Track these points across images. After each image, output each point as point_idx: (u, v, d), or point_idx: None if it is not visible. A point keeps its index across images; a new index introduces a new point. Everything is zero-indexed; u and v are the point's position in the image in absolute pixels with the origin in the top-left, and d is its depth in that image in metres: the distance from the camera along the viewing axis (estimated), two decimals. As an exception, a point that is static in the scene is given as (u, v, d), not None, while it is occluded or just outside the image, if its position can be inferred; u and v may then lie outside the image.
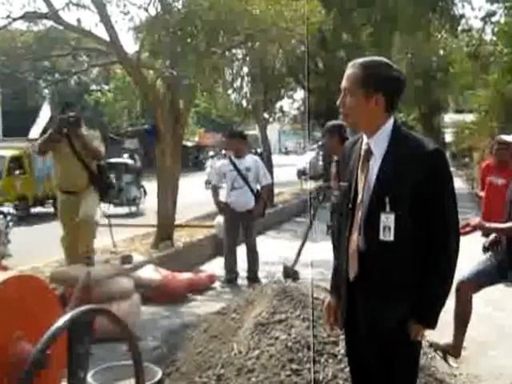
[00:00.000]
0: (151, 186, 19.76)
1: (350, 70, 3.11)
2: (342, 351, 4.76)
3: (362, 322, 3.15)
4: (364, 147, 3.15)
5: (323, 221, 14.93)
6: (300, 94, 27.85)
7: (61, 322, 1.89)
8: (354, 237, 3.12)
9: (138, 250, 10.31)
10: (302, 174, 30.61)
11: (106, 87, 40.59)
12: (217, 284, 9.24)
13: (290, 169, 34.18)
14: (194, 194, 21.87)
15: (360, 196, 3.11)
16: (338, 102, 3.18)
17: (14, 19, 10.25)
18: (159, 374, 4.02)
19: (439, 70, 32.04)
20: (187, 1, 10.80)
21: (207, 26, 9.88)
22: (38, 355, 1.80)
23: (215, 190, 9.45)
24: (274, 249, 11.90)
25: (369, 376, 3.27)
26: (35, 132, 30.66)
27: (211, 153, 28.42)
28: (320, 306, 5.41)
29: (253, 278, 9.21)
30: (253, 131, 53.78)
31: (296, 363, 4.66)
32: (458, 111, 41.21)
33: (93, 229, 8.03)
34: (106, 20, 10.14)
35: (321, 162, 29.23)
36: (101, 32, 10.59)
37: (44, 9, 10.18)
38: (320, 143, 27.28)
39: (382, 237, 2.99)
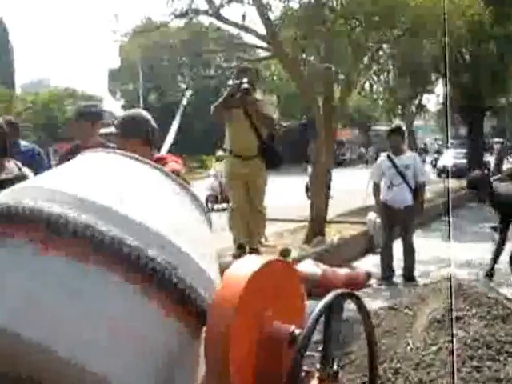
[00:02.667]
0: (290, 180, 19.95)
1: None
2: (523, 351, 4.72)
3: None
4: None
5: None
6: (443, 88, 27.23)
7: (321, 305, 2.01)
8: None
9: (289, 245, 10.39)
10: (441, 172, 29.82)
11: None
12: (372, 281, 9.20)
13: (427, 167, 33.27)
14: (336, 191, 21.80)
15: None
16: None
17: (176, 16, 10.60)
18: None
19: None
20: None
21: (369, 19, 9.82)
22: (308, 336, 1.92)
23: (376, 188, 9.39)
24: (425, 248, 11.71)
25: None
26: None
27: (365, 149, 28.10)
28: (495, 305, 5.39)
29: (409, 276, 9.12)
30: (386, 127, 53.23)
31: (476, 360, 4.65)
32: None
33: (265, 218, 8.13)
34: (264, 14, 10.27)
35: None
36: (257, 27, 10.80)
37: (203, 5, 10.52)
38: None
39: None
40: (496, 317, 5.11)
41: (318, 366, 2.15)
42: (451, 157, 32.51)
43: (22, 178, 4.41)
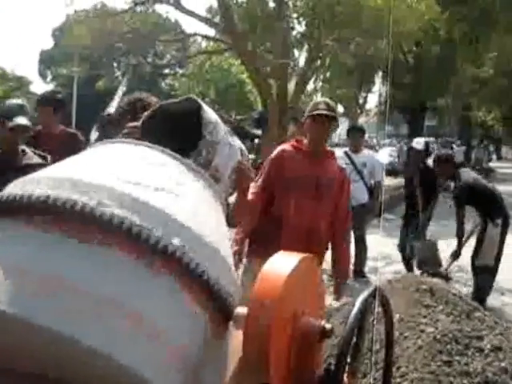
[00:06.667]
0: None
1: None
2: (488, 346, 4.88)
3: None
4: None
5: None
6: (383, 88, 27.76)
7: (360, 301, 2.03)
8: None
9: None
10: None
11: (181, 71, 40.67)
12: (323, 277, 9.26)
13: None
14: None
15: None
16: None
17: (136, 3, 10.47)
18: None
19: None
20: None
21: (331, 19, 9.85)
22: (351, 333, 1.94)
23: None
24: (371, 244, 11.85)
25: None
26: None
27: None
28: (460, 301, 5.54)
29: (359, 272, 9.29)
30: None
31: (445, 355, 4.78)
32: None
33: None
34: (223, 8, 10.24)
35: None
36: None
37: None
38: None
39: None
40: (461, 313, 5.26)
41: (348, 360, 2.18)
42: (387, 155, 32.94)
43: None
